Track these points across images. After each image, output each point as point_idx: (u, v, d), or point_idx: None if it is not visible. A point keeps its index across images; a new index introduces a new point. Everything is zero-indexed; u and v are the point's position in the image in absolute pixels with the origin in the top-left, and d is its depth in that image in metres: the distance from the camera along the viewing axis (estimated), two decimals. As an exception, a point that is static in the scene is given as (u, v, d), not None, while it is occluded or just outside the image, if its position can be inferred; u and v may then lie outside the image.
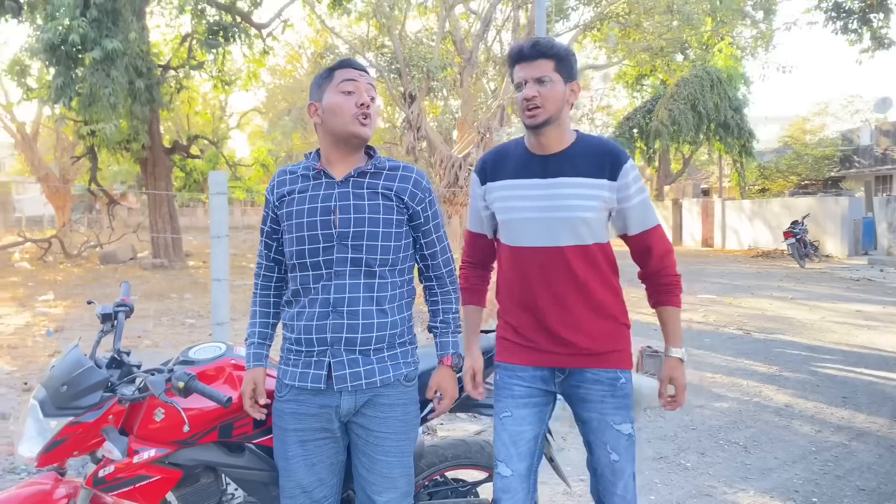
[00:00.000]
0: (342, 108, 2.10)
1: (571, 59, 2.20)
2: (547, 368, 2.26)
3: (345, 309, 2.08)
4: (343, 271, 2.09)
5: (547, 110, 2.15)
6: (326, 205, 2.12)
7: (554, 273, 2.20)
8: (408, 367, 2.18)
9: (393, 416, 2.13)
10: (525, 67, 2.18)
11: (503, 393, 2.30)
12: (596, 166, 2.17)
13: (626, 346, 2.28)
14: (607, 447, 2.23)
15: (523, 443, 2.25)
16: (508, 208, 2.25)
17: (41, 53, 13.05)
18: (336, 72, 2.14)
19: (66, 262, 19.75)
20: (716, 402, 5.53)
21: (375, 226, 2.10)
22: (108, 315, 2.38)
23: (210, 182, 4.36)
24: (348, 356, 2.08)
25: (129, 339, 8.41)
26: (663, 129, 22.88)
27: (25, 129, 28.05)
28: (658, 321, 2.32)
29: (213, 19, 17.70)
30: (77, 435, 2.13)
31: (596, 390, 2.22)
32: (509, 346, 2.31)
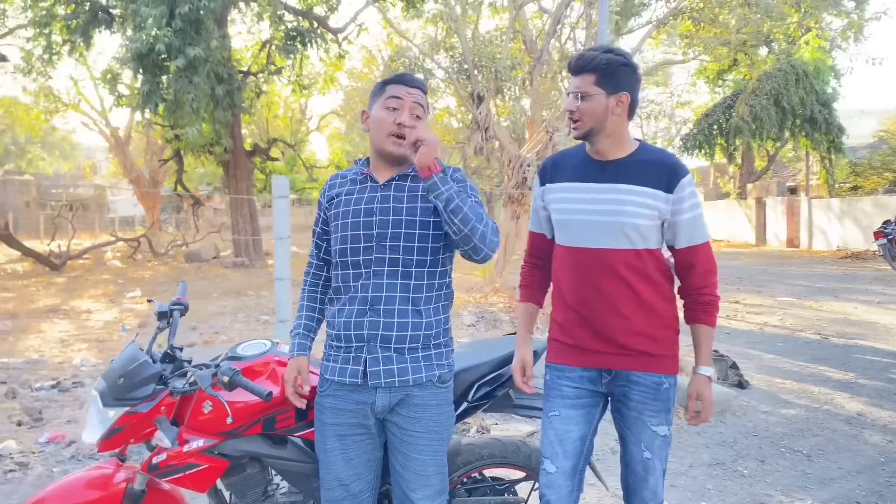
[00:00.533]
0: (382, 124, 2.21)
1: (617, 72, 2.20)
2: (594, 369, 2.31)
3: (381, 307, 2.16)
4: (381, 271, 2.18)
5: (586, 124, 2.23)
6: (369, 206, 2.22)
7: (603, 274, 2.24)
8: (441, 368, 2.23)
9: (426, 416, 2.20)
10: (573, 80, 2.26)
11: (552, 393, 2.36)
12: (653, 177, 2.21)
13: (672, 352, 2.30)
14: (641, 445, 2.28)
15: (569, 442, 2.31)
16: (564, 209, 2.32)
17: (130, 62, 13.79)
18: (387, 86, 2.24)
19: (154, 261, 20.76)
20: (782, 409, 5.36)
21: (412, 227, 2.17)
22: (165, 313, 2.54)
23: (273, 186, 4.56)
24: (383, 353, 2.16)
25: (207, 334, 8.81)
26: (744, 126, 22.08)
27: (119, 133, 29.60)
28: (693, 337, 2.31)
29: (291, 25, 18.21)
30: (132, 424, 2.30)
31: (638, 392, 2.27)
32: (559, 347, 2.36)
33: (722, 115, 24.64)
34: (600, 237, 2.23)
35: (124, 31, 15.05)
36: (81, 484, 2.37)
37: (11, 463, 4.18)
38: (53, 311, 10.99)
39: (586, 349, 2.29)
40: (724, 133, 24.64)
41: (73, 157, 50.08)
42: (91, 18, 15.82)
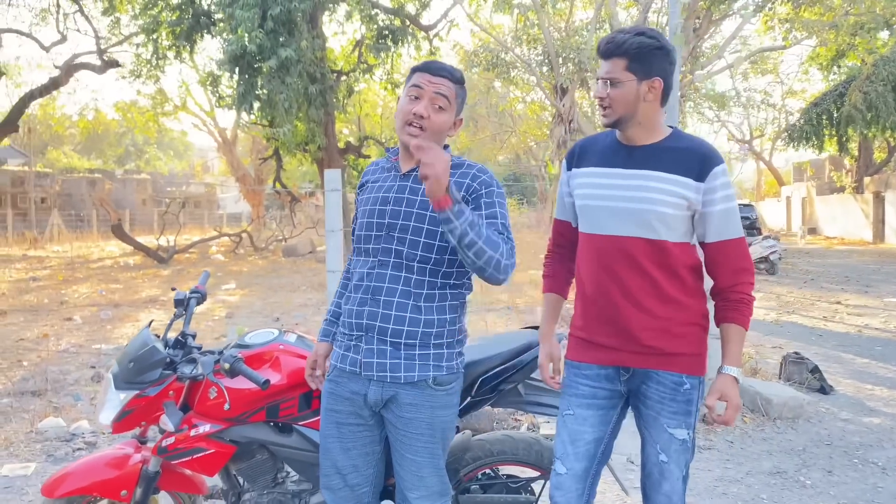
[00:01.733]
0: (400, 111, 2.15)
1: (650, 56, 2.06)
2: (612, 367, 2.19)
3: (381, 298, 2.12)
4: (387, 261, 2.14)
5: (616, 111, 2.09)
6: (385, 195, 2.18)
7: (625, 265, 2.12)
8: (438, 370, 2.13)
9: (419, 418, 2.13)
10: (602, 64, 2.12)
11: (568, 391, 2.26)
12: (683, 164, 2.07)
13: (698, 350, 2.15)
14: (657, 447, 2.16)
15: (582, 443, 2.20)
16: (587, 195, 2.20)
17: (226, 64, 14.40)
18: (414, 74, 2.17)
19: (254, 255, 21.65)
20: (865, 417, 4.97)
21: (421, 222, 2.11)
22: (182, 300, 2.61)
23: (325, 180, 4.63)
24: (378, 345, 2.12)
25: (288, 324, 9.08)
26: (856, 115, 20.60)
27: (226, 133, 31.06)
28: (721, 337, 2.14)
29: (384, 24, 18.50)
30: (142, 407, 2.39)
31: (656, 391, 2.14)
32: (576, 343, 2.26)
33: (833, 104, 23.14)
34: (622, 224, 2.11)
35: (223, 35, 15.74)
36: (102, 463, 2.48)
37: (81, 442, 4.45)
38: (153, 301, 11.65)
39: (604, 345, 2.17)
40: (834, 123, 23.12)
41: (187, 157, 53.05)
42: (194, 24, 16.63)
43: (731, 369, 2.11)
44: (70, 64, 20.26)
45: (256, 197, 32.08)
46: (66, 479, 2.42)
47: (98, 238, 27.54)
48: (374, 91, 28.95)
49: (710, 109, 32.84)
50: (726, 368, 2.11)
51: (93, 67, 20.50)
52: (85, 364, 6.74)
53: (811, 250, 22.62)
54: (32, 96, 20.12)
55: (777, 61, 32.74)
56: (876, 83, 20.52)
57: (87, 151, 48.57)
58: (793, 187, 37.11)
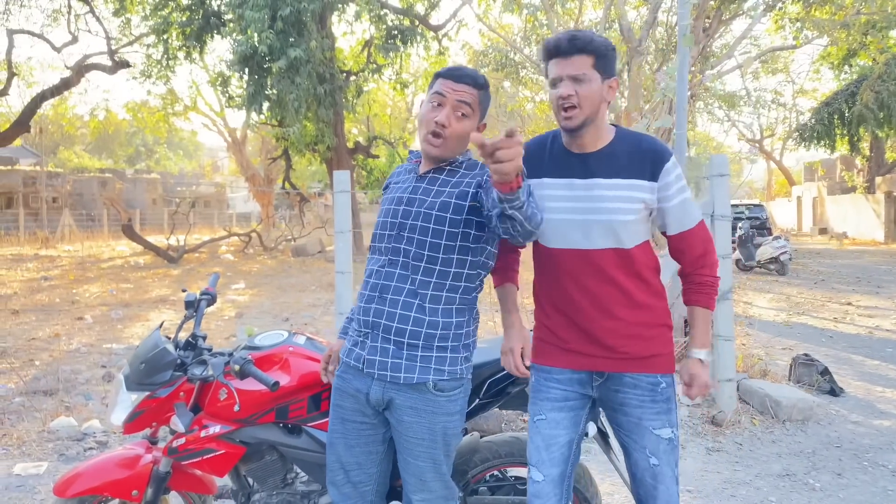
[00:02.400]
0: (422, 119, 2.15)
1: (611, 55, 2.07)
2: (585, 371, 2.19)
3: (388, 297, 2.13)
4: (396, 261, 2.15)
5: (584, 111, 2.04)
6: (401, 196, 2.20)
7: (592, 276, 2.12)
8: (439, 374, 2.10)
9: (419, 422, 2.12)
10: (561, 63, 2.05)
11: (538, 396, 2.24)
12: (636, 166, 2.07)
13: (667, 350, 2.17)
14: (646, 451, 2.15)
15: (556, 448, 2.19)
16: (548, 209, 2.15)
17: (236, 65, 14.48)
18: (437, 80, 2.15)
19: (263, 255, 21.72)
20: (875, 420, 4.94)
21: (428, 222, 2.12)
22: (192, 302, 2.63)
23: (334, 181, 4.65)
24: (382, 343, 2.13)
25: (297, 325, 9.12)
26: (868, 114, 20.49)
27: (235, 133, 31.18)
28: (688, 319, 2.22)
29: (393, 24, 18.55)
30: (153, 408, 2.41)
31: (634, 395, 2.14)
32: (546, 348, 2.25)
33: (844, 104, 23.01)
34: (586, 238, 2.09)
35: (233, 35, 15.83)
36: (112, 463, 2.50)
37: (92, 441, 4.48)
38: (163, 300, 11.70)
39: (576, 351, 2.17)
40: (846, 123, 22.99)
41: (197, 157, 53.32)
42: (204, 24, 16.75)
43: (696, 352, 2.18)
44: (81, 64, 20.40)
45: (266, 197, 32.18)
46: (77, 479, 2.44)
47: (108, 238, 27.71)
48: (384, 91, 29.02)
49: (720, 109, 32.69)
50: (693, 352, 2.19)
51: (104, 68, 20.63)
52: (96, 364, 6.79)
53: (821, 250, 22.49)
54: (44, 97, 20.26)
55: (788, 60, 32.56)
56: (888, 82, 20.39)
57: (98, 151, 48.91)
58: (803, 187, 36.91)
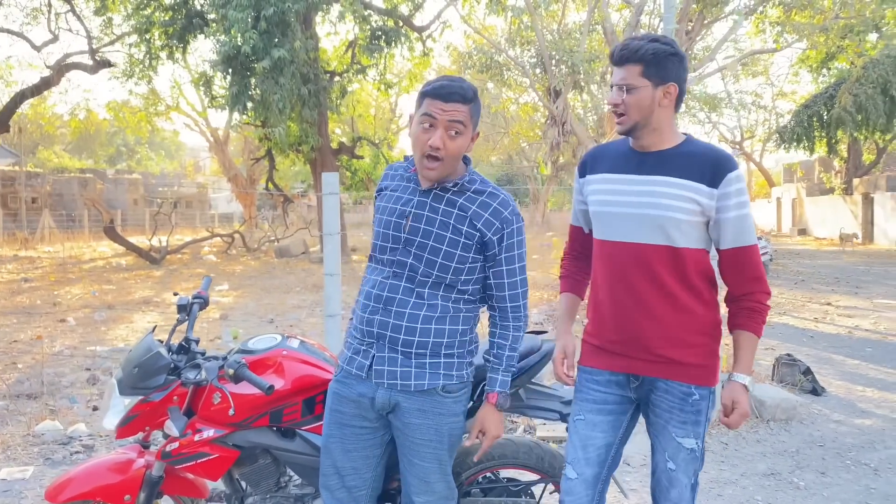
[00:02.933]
0: (416, 143, 2.11)
1: (665, 62, 2.08)
2: (622, 374, 2.22)
3: (393, 308, 2.15)
4: (401, 273, 2.17)
5: (631, 118, 2.11)
6: (404, 209, 2.18)
7: (637, 271, 2.14)
8: (448, 378, 2.16)
9: (427, 424, 2.16)
10: (616, 72, 2.14)
11: (580, 396, 2.29)
12: (696, 170, 2.08)
13: (709, 362, 2.16)
14: (665, 454, 2.19)
15: (593, 449, 2.23)
16: (600, 201, 2.22)
17: (220, 65, 14.38)
18: (425, 99, 2.10)
19: (247, 256, 21.61)
20: (856, 418, 5.03)
21: (440, 243, 2.12)
22: (185, 306, 2.63)
23: (323, 183, 4.65)
24: (390, 353, 2.15)
25: (282, 327, 9.10)
26: (846, 117, 20.78)
27: (218, 133, 30.96)
28: (733, 344, 2.17)
29: (377, 24, 18.50)
30: (146, 412, 2.41)
31: (665, 399, 2.17)
32: (589, 349, 2.29)
33: (823, 106, 23.31)
34: (635, 231, 2.12)
35: (216, 35, 15.73)
36: (105, 468, 2.50)
37: (79, 445, 4.45)
38: (147, 302, 11.62)
39: (615, 352, 2.21)
40: (824, 125, 23.29)
41: (178, 157, 52.88)
42: (187, 24, 16.60)
43: (741, 377, 2.13)
44: (62, 63, 20.15)
45: (248, 197, 31.98)
46: (69, 485, 2.43)
47: (89, 238, 27.42)
48: (367, 91, 28.97)
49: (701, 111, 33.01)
50: (736, 376, 2.13)
51: (84, 67, 20.40)
52: (80, 366, 6.73)
53: (801, 251, 22.76)
54: (24, 96, 20.01)
55: (768, 63, 32.94)
56: (865, 85, 20.70)
57: (78, 151, 48.38)
58: (783, 188, 37.33)
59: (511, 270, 2.19)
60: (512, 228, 2.16)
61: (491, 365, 2.24)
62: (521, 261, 2.21)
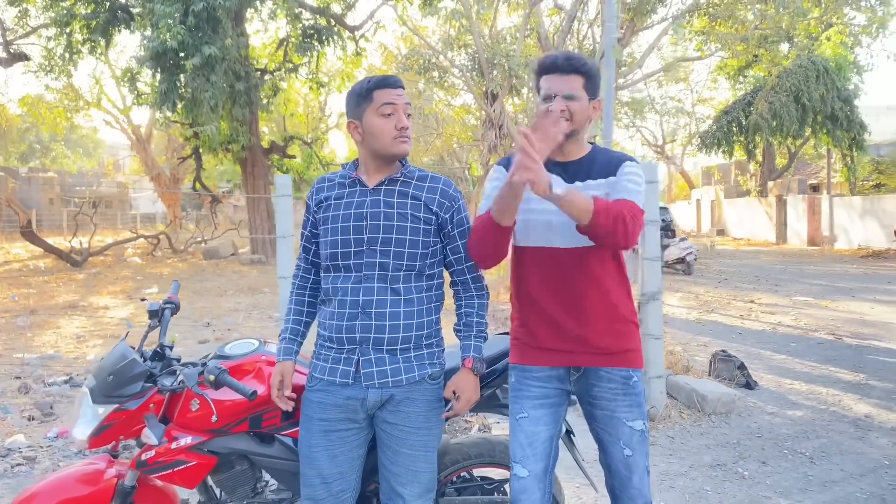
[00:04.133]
0: (383, 131, 2.22)
1: (597, 78, 2.28)
2: (563, 367, 2.32)
3: (373, 310, 2.20)
4: (372, 275, 2.23)
5: (574, 123, 2.24)
6: (359, 211, 2.25)
7: (570, 273, 2.25)
8: (433, 367, 2.28)
9: (417, 411, 2.24)
10: (555, 80, 2.24)
11: (520, 394, 2.35)
12: (605, 168, 2.27)
13: (637, 346, 2.34)
14: (620, 443, 2.29)
15: (539, 443, 2.30)
16: (528, 209, 2.27)
17: (147, 61, 13.94)
18: (375, 93, 2.21)
19: (173, 258, 21.00)
20: (789, 410, 5.31)
21: (402, 233, 2.23)
22: (156, 311, 2.57)
23: (275, 186, 4.61)
24: (376, 354, 2.21)
25: (220, 331, 8.90)
26: (763, 123, 21.86)
27: (140, 131, 29.95)
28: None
29: (309, 23, 18.30)
30: (121, 421, 2.35)
31: (608, 389, 2.28)
32: (524, 348, 2.37)
33: (741, 112, 24.41)
34: (565, 236, 2.23)
35: (143, 30, 15.24)
36: (73, 479, 2.41)
37: (19, 457, 4.27)
38: (72, 307, 11.16)
39: (553, 349, 2.30)
40: (743, 130, 24.40)
41: (97, 155, 50.78)
42: (111, 17, 16.02)
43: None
44: (-29, 56, 19.11)
45: (173, 197, 31.09)
46: (34, 500, 2.33)
47: (2, 239, 26.08)
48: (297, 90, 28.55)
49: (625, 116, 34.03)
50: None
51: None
52: (9, 375, 6.43)
53: (721, 251, 23.72)
54: (-70, 89, 18.87)
55: (688, 70, 34.22)
56: (780, 93, 21.78)
57: (-14, 148, 45.80)
58: (702, 191, 38.81)
59: (466, 244, 2.31)
60: (459, 204, 2.33)
61: (462, 333, 2.37)
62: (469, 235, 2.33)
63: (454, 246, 2.32)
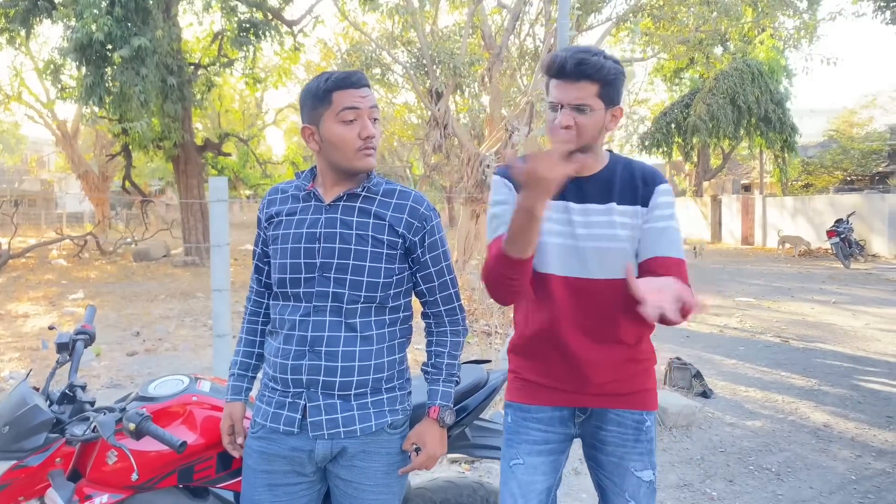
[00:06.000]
0: (344, 142, 1.85)
1: (617, 83, 1.86)
2: (567, 408, 2.02)
3: (323, 349, 1.85)
4: (323, 307, 1.86)
5: (581, 139, 1.87)
6: (312, 231, 1.89)
7: (583, 306, 1.92)
8: (394, 414, 1.92)
9: (374, 466, 1.90)
10: (564, 88, 1.85)
11: (516, 438, 2.03)
12: (631, 191, 1.92)
13: (653, 386, 2.05)
14: (625, 494, 1.98)
15: (534, 495, 1.99)
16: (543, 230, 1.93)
17: (71, 53, 13.14)
18: (334, 94, 1.85)
19: (101, 259, 20.00)
20: (748, 420, 5.20)
21: (361, 259, 1.86)
22: (65, 344, 2.19)
23: (210, 189, 4.20)
24: (325, 400, 1.85)
25: (150, 341, 8.36)
26: (701, 125, 22.27)
27: (66, 127, 28.55)
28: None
29: (245, 17, 17.66)
30: (21, 480, 1.96)
31: (618, 433, 1.99)
32: (526, 386, 2.05)
33: (680, 114, 24.81)
34: (579, 265, 1.91)
35: (66, 20, 14.37)
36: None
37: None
38: (-13, 315, 10.38)
39: (560, 388, 1.99)
40: (681, 132, 24.79)
41: (19, 151, 48.33)
42: (31, 6, 15.04)
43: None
44: None
45: (102, 196, 29.77)
46: None
47: (-88, 241, 24.43)
48: (231, 86, 27.70)
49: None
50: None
51: None
52: None
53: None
54: None
55: (629, 72, 34.63)
56: (717, 96, 22.21)
57: None
58: (640, 190, 39.41)
59: (439, 271, 1.98)
60: (432, 225, 1.95)
61: (430, 376, 2.01)
62: (446, 259, 2.00)
63: (425, 273, 1.96)
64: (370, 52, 12.49)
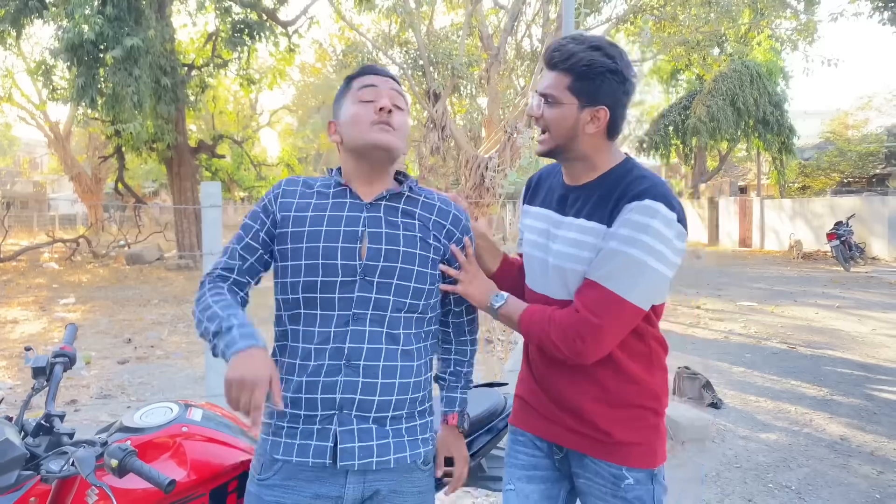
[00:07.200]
0: (359, 117, 1.68)
1: (599, 79, 1.62)
2: (544, 441, 1.83)
3: (361, 363, 1.61)
4: (363, 315, 1.63)
5: (553, 138, 1.69)
6: (352, 230, 1.67)
7: None
8: (425, 444, 1.71)
9: None
10: (545, 75, 1.71)
11: (509, 461, 1.90)
12: (604, 205, 1.64)
13: (646, 440, 1.71)
14: None
15: None
16: (526, 241, 1.85)
17: (62, 53, 12.92)
18: (354, 80, 1.76)
19: (94, 263, 19.75)
20: (762, 433, 5.01)
21: (410, 262, 1.67)
22: (42, 369, 1.98)
23: (202, 195, 4.01)
24: (360, 424, 1.61)
25: (142, 348, 8.15)
26: (701, 126, 22.14)
27: (58, 128, 28.31)
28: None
29: (239, 17, 17.48)
30: (-10, 522, 1.76)
31: (595, 485, 1.73)
32: (519, 405, 1.92)
33: (678, 116, 24.68)
34: (544, 283, 1.75)
35: (58, 20, 14.15)
36: None
37: None
38: (-24, 321, 10.14)
39: (539, 412, 1.82)
40: (680, 134, 24.67)
41: (11, 153, 47.93)
42: (22, 6, 14.80)
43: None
44: None
45: (94, 197, 29.49)
46: None
47: None
48: (226, 87, 27.47)
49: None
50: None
51: None
52: None
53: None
54: None
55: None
56: (717, 97, 22.09)
57: None
58: (636, 192, 39.31)
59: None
60: (469, 236, 1.84)
61: (448, 383, 1.90)
62: None
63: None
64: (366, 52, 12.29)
